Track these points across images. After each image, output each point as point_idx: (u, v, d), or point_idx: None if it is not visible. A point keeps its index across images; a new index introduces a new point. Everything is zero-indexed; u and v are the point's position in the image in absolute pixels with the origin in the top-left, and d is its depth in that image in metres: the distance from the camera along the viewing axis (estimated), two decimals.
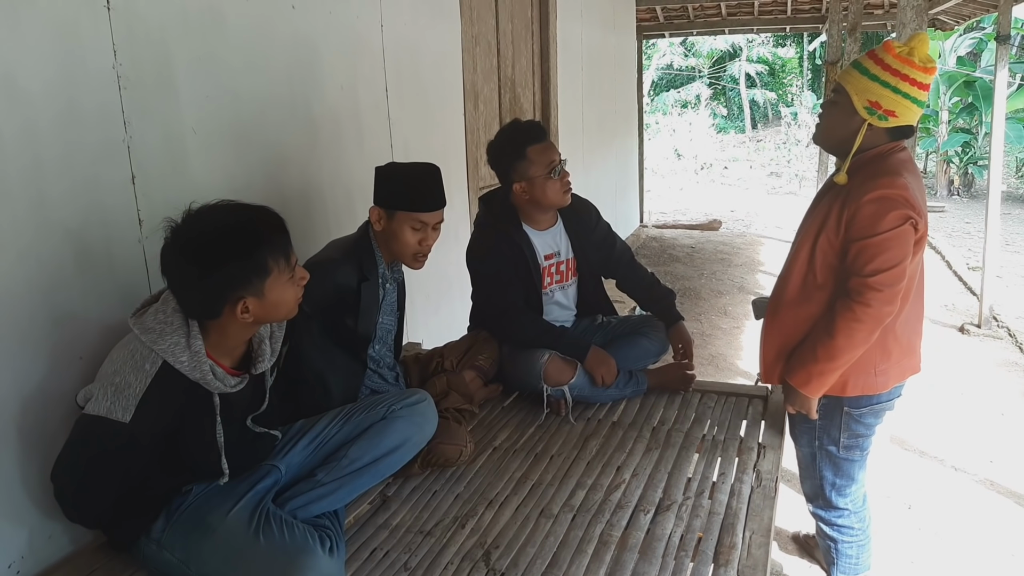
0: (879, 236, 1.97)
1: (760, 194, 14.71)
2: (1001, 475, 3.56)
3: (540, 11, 5.25)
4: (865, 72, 2.04)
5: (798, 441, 2.43)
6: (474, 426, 2.51)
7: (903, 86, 2.00)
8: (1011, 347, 5.45)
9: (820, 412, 2.24)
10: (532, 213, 2.70)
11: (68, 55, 1.80)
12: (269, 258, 1.64)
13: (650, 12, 10.04)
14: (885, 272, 1.97)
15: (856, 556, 2.47)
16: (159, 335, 1.60)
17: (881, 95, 2.02)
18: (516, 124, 2.69)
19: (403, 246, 2.26)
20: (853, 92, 2.05)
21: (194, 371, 1.62)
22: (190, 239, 1.59)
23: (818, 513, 2.48)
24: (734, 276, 7.43)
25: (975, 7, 7.63)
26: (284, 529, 1.69)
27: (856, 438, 2.28)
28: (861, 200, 1.99)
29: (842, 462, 2.33)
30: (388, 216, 2.24)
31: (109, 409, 1.57)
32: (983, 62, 14.17)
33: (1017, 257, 8.46)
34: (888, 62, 2.01)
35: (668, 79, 23.35)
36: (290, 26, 2.59)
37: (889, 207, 1.96)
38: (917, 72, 2.00)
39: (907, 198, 1.97)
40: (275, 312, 1.71)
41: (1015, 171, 14.57)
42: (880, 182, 1.99)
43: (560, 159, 2.62)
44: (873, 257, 1.98)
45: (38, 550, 1.81)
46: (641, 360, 2.80)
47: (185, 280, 1.61)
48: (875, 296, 1.98)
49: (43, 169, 1.75)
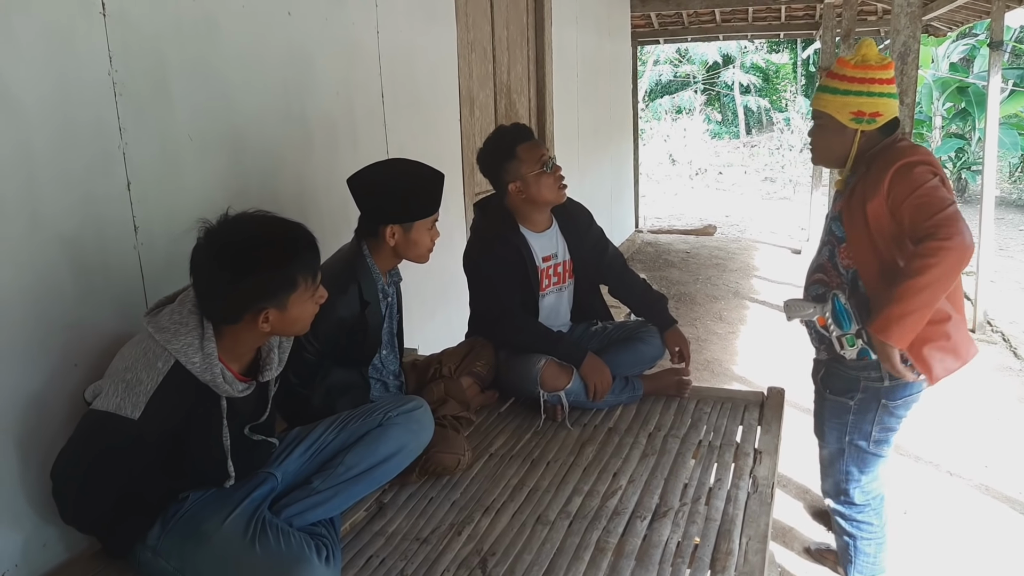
0: (923, 187, 2.04)
1: (755, 199, 14.73)
2: (996, 480, 3.57)
3: (535, 17, 5.26)
4: (836, 91, 2.22)
5: (825, 438, 2.46)
6: (470, 432, 2.50)
7: (874, 88, 2.18)
8: (1006, 352, 5.46)
9: (855, 407, 2.30)
10: (528, 214, 2.71)
11: (63, 63, 1.80)
12: (299, 274, 1.66)
13: (645, 18, 10.06)
14: (947, 210, 2.00)
15: (874, 555, 2.49)
16: (173, 334, 1.61)
17: (860, 103, 2.18)
18: (501, 129, 2.72)
19: (421, 248, 2.27)
20: (834, 111, 2.22)
21: (205, 373, 1.62)
22: (227, 244, 1.60)
23: (838, 510, 2.50)
24: (729, 281, 7.44)
25: (968, 13, 7.66)
26: (280, 537, 1.69)
27: (887, 431, 2.33)
28: (890, 170, 2.09)
29: (869, 457, 2.38)
30: (405, 229, 2.22)
31: (119, 405, 1.57)
32: (976, 68, 14.21)
33: (1011, 262, 8.49)
34: (850, 75, 2.20)
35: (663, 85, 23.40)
36: (285, 33, 2.59)
37: (921, 168, 2.08)
38: (877, 71, 2.18)
39: (932, 162, 2.11)
40: (292, 327, 1.73)
41: (1008, 176, 14.62)
42: (904, 152, 2.13)
43: (550, 154, 2.64)
44: (929, 203, 2.02)
45: (32, 558, 1.80)
46: (637, 366, 2.80)
47: (213, 282, 1.62)
48: (949, 230, 1.98)
49: (38, 176, 1.74)
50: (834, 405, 2.38)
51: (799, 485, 3.44)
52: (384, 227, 2.21)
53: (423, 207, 2.23)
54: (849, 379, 2.32)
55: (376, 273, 2.28)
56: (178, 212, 1.64)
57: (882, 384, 2.26)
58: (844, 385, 2.34)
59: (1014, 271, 8.05)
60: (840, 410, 2.36)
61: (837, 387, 2.36)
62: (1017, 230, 10.44)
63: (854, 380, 2.31)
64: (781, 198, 14.82)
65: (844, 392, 2.34)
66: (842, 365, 2.31)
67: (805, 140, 2.47)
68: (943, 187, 2.06)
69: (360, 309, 2.21)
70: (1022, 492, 3.46)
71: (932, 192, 2.03)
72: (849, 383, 2.32)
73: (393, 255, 2.28)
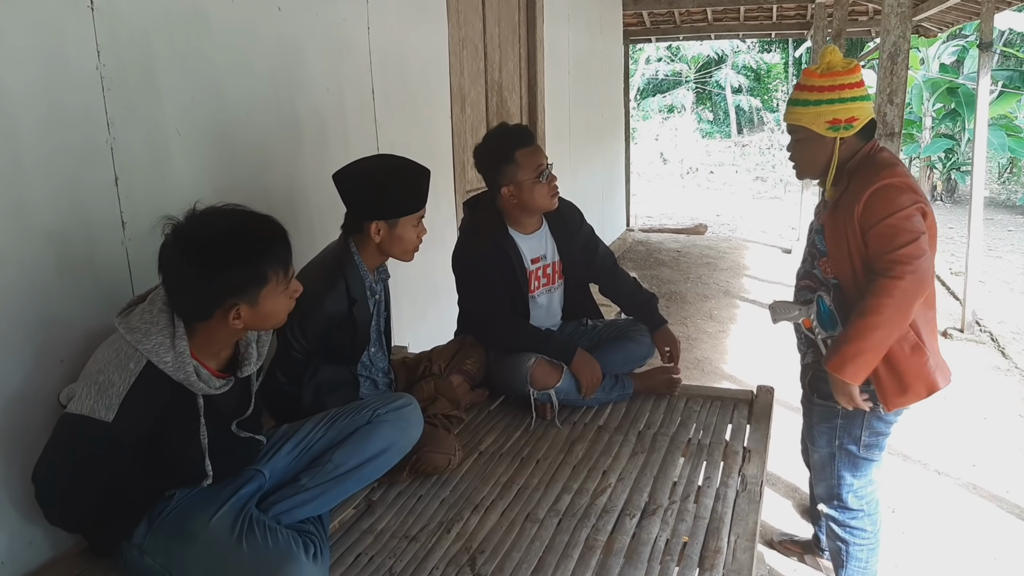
0: (893, 216, 2.03)
1: (745, 198, 14.78)
2: (984, 479, 3.59)
3: (527, 15, 5.25)
4: (807, 103, 2.19)
5: (816, 442, 2.43)
6: (460, 430, 2.50)
7: (845, 93, 2.15)
8: (994, 352, 5.49)
9: (842, 411, 2.27)
10: (518, 217, 2.69)
11: (51, 56, 1.78)
12: (269, 268, 1.64)
13: (637, 17, 10.07)
14: (908, 245, 2.01)
15: (866, 560, 2.48)
16: (144, 335, 1.59)
17: (835, 111, 2.16)
18: (504, 128, 2.68)
19: (406, 244, 2.24)
20: (809, 123, 2.19)
21: (178, 372, 1.61)
22: (193, 239, 1.58)
23: (832, 515, 2.48)
24: (720, 280, 7.45)
25: (958, 14, 7.70)
26: (268, 535, 1.68)
27: (877, 436, 2.31)
28: (866, 191, 2.08)
29: (861, 462, 2.36)
30: (390, 225, 2.20)
31: (92, 408, 1.55)
32: (965, 69, 14.28)
33: (999, 262, 8.54)
34: (819, 84, 2.17)
35: (654, 84, 23.43)
36: (275, 28, 2.57)
37: (895, 192, 2.06)
38: (845, 77, 2.16)
39: (910, 184, 2.09)
40: (265, 322, 1.70)
41: (997, 176, 14.72)
42: (881, 174, 2.10)
43: (548, 163, 2.62)
44: (894, 235, 2.02)
45: (17, 556, 1.78)
46: (627, 364, 2.80)
47: (182, 279, 1.59)
48: (903, 268, 2.00)
49: (24, 171, 1.73)
50: (822, 409, 2.35)
51: (788, 483, 3.45)
52: (369, 223, 2.19)
53: (408, 203, 2.21)
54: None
55: (363, 270, 2.26)
56: (166, 207, 1.62)
57: (869, 388, 2.22)
58: (830, 389, 2.28)
59: (1002, 271, 8.10)
60: (828, 414, 2.34)
61: (824, 391, 2.30)
62: (1005, 230, 10.50)
63: None
64: (772, 197, 14.88)
65: (831, 396, 2.28)
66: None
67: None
68: (916, 214, 2.04)
69: (347, 306, 2.20)
70: (1009, 491, 3.48)
71: (899, 222, 2.02)
72: None
73: (378, 252, 2.26)
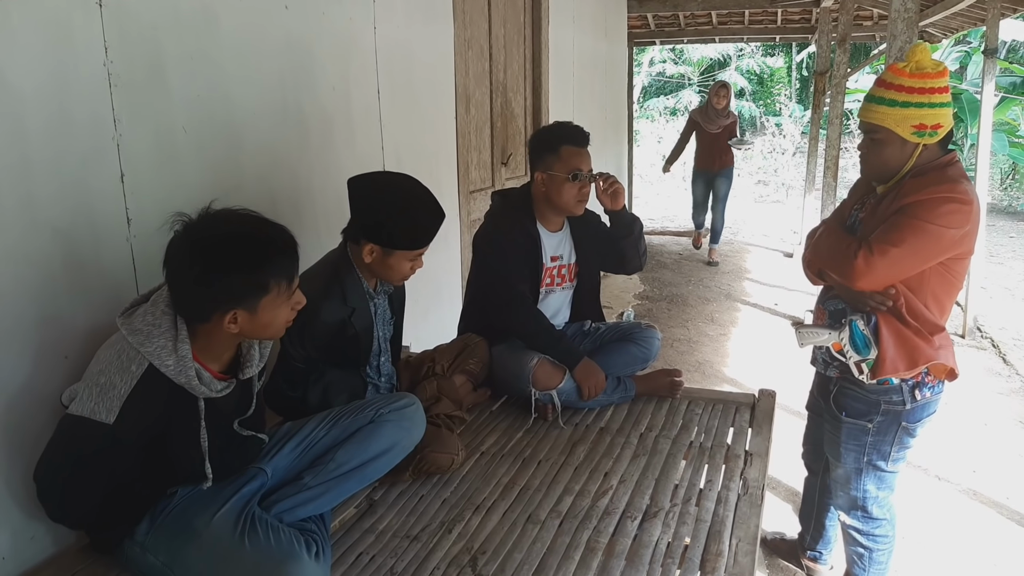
0: (916, 220, 2.00)
1: (748, 202, 14.75)
2: (984, 485, 3.59)
3: (532, 16, 5.25)
4: (894, 103, 2.05)
5: (842, 459, 2.36)
6: (462, 430, 2.50)
7: (935, 98, 2.03)
8: (995, 357, 5.49)
9: (874, 429, 2.25)
10: (545, 211, 2.75)
11: (59, 53, 1.78)
12: (272, 279, 1.63)
13: (641, 20, 10.09)
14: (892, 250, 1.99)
15: (886, 563, 2.49)
16: (146, 337, 1.59)
17: (922, 116, 2.03)
18: (565, 123, 2.77)
19: (395, 274, 2.21)
20: (893, 125, 2.06)
21: (179, 375, 1.60)
22: (202, 237, 1.59)
23: (855, 525, 2.46)
24: (721, 283, 7.45)
25: (963, 20, 7.70)
26: (270, 533, 1.68)
27: (905, 450, 2.31)
28: (917, 196, 2.02)
29: (887, 475, 2.35)
30: (385, 253, 2.15)
31: (93, 410, 1.55)
32: (968, 75, 14.28)
33: (1001, 268, 8.52)
34: (908, 84, 2.04)
35: (657, 86, 23.41)
36: (282, 27, 2.58)
37: (937, 204, 1.99)
38: (935, 80, 2.03)
39: (961, 201, 2.00)
40: (262, 331, 1.70)
41: (999, 183, 14.70)
42: (942, 186, 2.02)
43: (588, 171, 2.64)
44: (891, 230, 2.01)
45: (20, 551, 1.79)
46: (629, 367, 2.81)
47: (184, 276, 1.60)
48: (871, 260, 2.00)
49: (32, 167, 1.73)
50: (851, 428, 2.30)
51: (788, 487, 3.45)
52: (366, 242, 2.16)
53: (410, 241, 2.16)
54: (868, 402, 2.24)
55: (364, 282, 2.25)
56: (172, 205, 1.62)
57: (904, 407, 2.20)
58: (863, 408, 2.26)
59: (1004, 277, 8.09)
60: (858, 432, 2.29)
61: (855, 410, 2.27)
62: (1007, 237, 10.48)
63: (874, 404, 2.23)
64: (774, 201, 14.85)
65: (863, 415, 2.26)
66: (860, 388, 2.24)
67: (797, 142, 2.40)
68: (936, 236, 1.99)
69: (345, 314, 2.19)
70: (1009, 497, 3.48)
71: (912, 228, 1.99)
72: (868, 406, 2.24)
73: (368, 270, 2.24)
